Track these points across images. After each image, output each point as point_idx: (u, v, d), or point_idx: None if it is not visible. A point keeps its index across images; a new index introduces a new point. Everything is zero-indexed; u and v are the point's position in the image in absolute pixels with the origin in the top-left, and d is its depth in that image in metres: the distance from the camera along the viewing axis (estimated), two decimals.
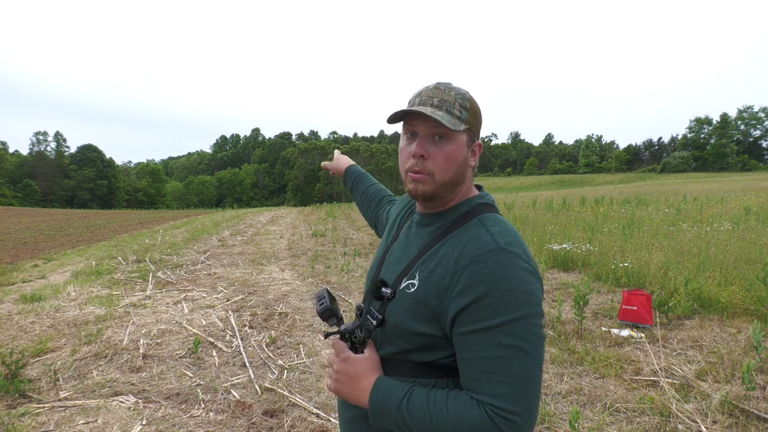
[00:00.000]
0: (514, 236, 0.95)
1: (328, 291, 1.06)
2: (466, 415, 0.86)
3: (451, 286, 0.91)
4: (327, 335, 1.04)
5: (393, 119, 1.01)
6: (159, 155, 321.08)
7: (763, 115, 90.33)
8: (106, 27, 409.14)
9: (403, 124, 1.02)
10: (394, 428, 0.93)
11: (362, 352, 1.02)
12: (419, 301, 0.95)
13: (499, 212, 1.05)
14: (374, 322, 1.01)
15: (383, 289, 1.01)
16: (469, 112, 0.99)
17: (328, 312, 1.02)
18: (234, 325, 4.95)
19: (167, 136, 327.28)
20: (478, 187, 1.11)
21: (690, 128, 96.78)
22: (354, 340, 1.02)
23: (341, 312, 1.04)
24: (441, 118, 0.94)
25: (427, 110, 0.95)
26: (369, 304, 1.07)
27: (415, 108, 0.96)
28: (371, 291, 1.04)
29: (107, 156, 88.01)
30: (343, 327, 1.02)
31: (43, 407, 3.16)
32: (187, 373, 3.75)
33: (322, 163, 1.74)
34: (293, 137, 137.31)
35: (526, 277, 0.89)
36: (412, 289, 0.97)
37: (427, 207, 1.07)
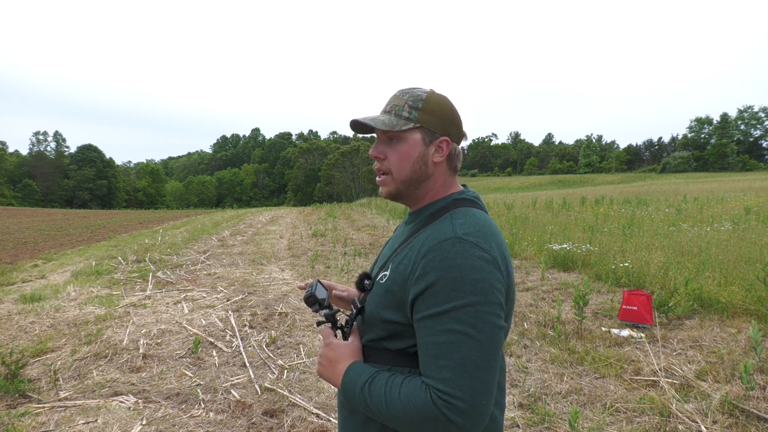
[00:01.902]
0: (478, 227, 0.96)
1: (319, 281, 1.16)
2: (413, 398, 0.89)
3: (411, 274, 0.96)
4: (319, 324, 1.11)
5: (353, 130, 1.12)
6: (159, 155, 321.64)
7: (763, 115, 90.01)
8: (106, 26, 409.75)
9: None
10: (362, 410, 0.98)
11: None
12: (388, 290, 1.01)
13: (481, 207, 1.07)
14: (354, 311, 1.08)
15: (365, 282, 1.09)
16: (422, 111, 1.03)
17: (312, 299, 1.10)
18: (234, 325, 4.95)
19: (167, 136, 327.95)
20: (465, 187, 1.16)
21: (690, 128, 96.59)
22: (345, 331, 1.10)
23: (329, 301, 1.13)
24: (377, 123, 1.03)
25: (367, 119, 1.05)
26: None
27: (356, 119, 1.06)
28: (355, 283, 1.12)
29: (107, 156, 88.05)
30: (322, 312, 1.10)
31: (43, 407, 3.16)
32: (187, 373, 3.75)
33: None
34: (293, 137, 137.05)
35: (480, 266, 0.90)
36: (384, 280, 1.03)
37: (410, 206, 1.14)
